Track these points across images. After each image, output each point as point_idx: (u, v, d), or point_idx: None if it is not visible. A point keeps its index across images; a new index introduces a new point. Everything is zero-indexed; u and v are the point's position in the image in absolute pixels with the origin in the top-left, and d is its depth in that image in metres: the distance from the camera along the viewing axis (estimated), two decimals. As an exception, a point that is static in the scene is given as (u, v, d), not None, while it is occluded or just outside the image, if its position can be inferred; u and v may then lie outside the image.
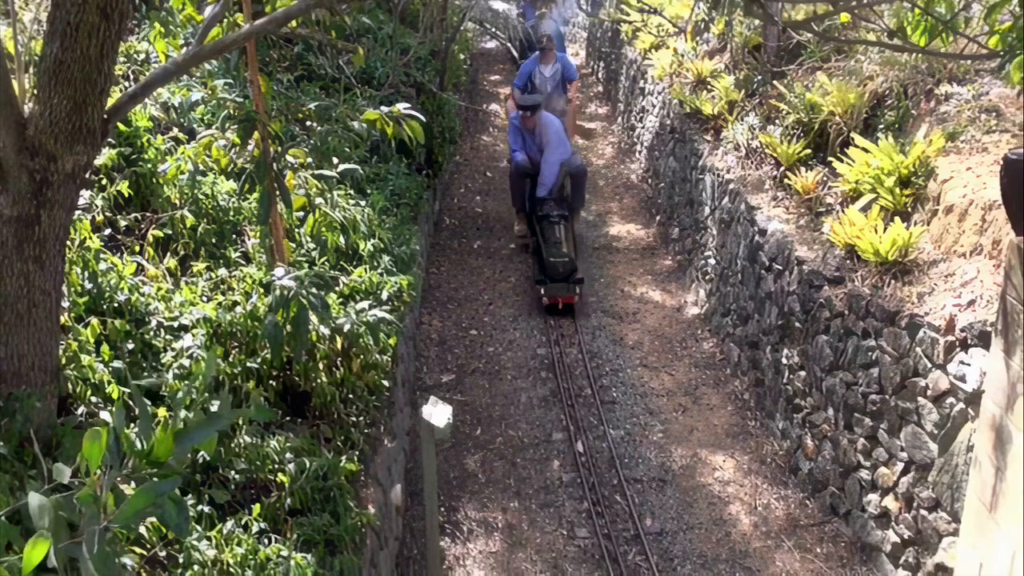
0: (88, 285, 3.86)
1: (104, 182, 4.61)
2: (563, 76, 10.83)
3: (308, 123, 5.86)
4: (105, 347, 3.64)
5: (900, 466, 4.61)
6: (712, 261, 7.62)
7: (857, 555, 4.96)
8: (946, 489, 4.22)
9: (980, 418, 3.84)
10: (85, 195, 4.37)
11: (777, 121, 7.11)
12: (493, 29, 16.65)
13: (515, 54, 16.49)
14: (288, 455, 3.72)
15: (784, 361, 5.88)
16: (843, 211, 5.65)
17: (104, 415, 3.32)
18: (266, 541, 3.29)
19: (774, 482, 5.66)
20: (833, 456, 5.23)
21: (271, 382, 4.15)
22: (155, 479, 2.11)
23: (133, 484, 2.14)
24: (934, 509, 4.33)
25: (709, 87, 8.76)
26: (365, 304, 4.70)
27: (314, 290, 3.99)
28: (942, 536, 4.26)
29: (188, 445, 2.20)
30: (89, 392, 3.41)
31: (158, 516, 2.10)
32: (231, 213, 5.21)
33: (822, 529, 5.20)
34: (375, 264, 5.61)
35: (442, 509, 5.29)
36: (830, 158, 6.13)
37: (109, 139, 4.56)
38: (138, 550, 2.92)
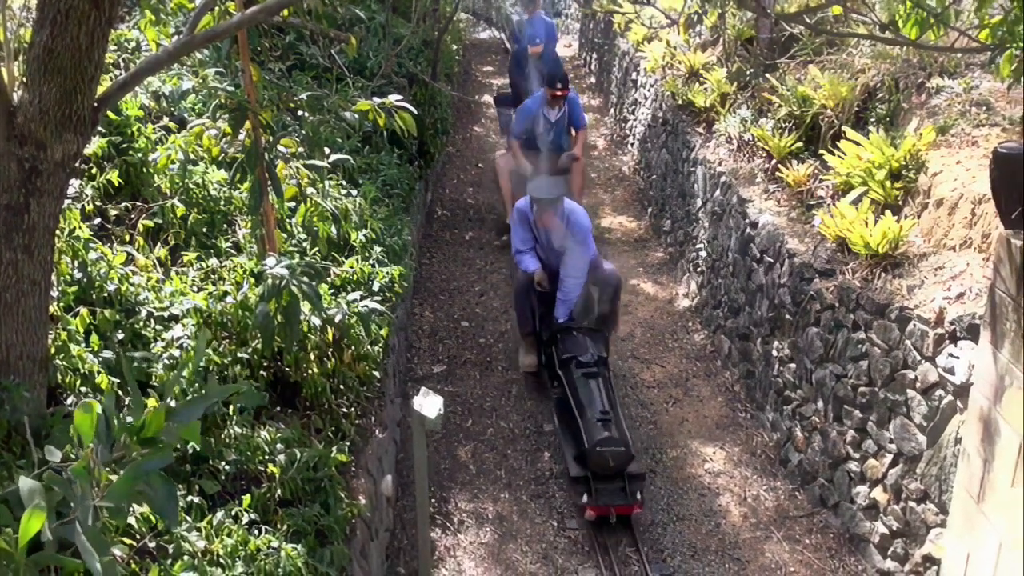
0: (78, 275, 3.85)
1: (94, 171, 4.58)
2: (569, 122, 8.90)
3: (300, 113, 5.85)
4: (95, 337, 3.63)
5: (889, 458, 4.63)
6: (703, 253, 7.63)
7: (846, 546, 4.98)
8: (934, 481, 4.24)
9: (968, 410, 3.86)
10: (75, 184, 4.35)
11: (769, 114, 7.11)
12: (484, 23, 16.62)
13: (507, 45, 16.32)
14: (278, 446, 3.71)
15: (774, 353, 5.90)
16: (834, 204, 5.66)
17: (94, 402, 3.31)
18: (256, 532, 3.29)
19: (764, 473, 5.68)
20: (822, 448, 5.26)
21: (262, 372, 4.14)
22: (146, 456, 2.11)
23: (123, 472, 2.13)
24: (922, 501, 4.36)
25: (701, 79, 8.75)
26: (356, 295, 4.70)
27: (306, 279, 3.98)
28: (930, 527, 4.29)
29: (179, 421, 2.19)
30: (79, 382, 3.40)
31: (146, 499, 2.09)
32: (222, 203, 5.19)
33: (811, 520, 5.23)
34: (367, 255, 5.60)
35: (433, 500, 5.30)
36: (821, 151, 6.13)
37: (99, 128, 4.54)
38: (128, 541, 2.92)
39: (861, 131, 5.81)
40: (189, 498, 3.25)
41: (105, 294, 3.90)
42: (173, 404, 2.30)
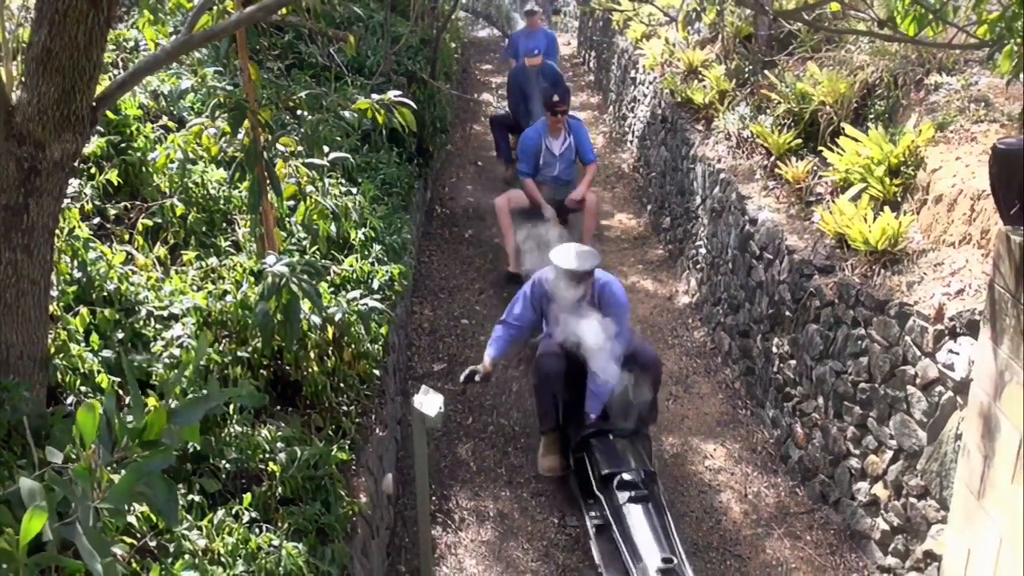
0: (77, 274, 3.85)
1: (93, 171, 4.59)
2: (577, 155, 8.11)
3: (299, 112, 5.84)
4: (95, 336, 3.63)
5: (889, 454, 4.63)
6: (703, 250, 7.63)
7: (846, 542, 4.99)
8: (934, 477, 4.24)
9: (968, 406, 3.86)
10: (74, 184, 4.35)
11: (768, 111, 7.11)
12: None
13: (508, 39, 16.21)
14: (279, 444, 3.72)
15: (774, 350, 5.90)
16: (833, 201, 5.66)
17: (95, 403, 3.32)
18: (257, 530, 3.29)
19: (764, 470, 5.68)
20: (823, 444, 5.26)
21: (262, 371, 4.14)
22: (147, 458, 2.11)
23: (124, 472, 2.13)
24: (923, 497, 4.36)
25: (700, 77, 8.75)
26: (356, 293, 4.70)
27: (305, 278, 3.98)
28: (930, 523, 4.29)
29: (180, 423, 2.20)
30: (79, 381, 3.40)
31: (147, 500, 2.10)
32: (221, 202, 5.19)
33: (812, 517, 5.23)
34: (366, 253, 5.61)
35: (433, 498, 5.30)
36: (820, 148, 6.13)
37: (98, 127, 4.54)
38: (128, 540, 2.92)
39: (860, 128, 5.81)
40: (190, 497, 3.25)
41: (105, 293, 3.90)
42: (174, 404, 2.30)
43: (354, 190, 6.28)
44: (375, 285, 5.23)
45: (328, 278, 5.01)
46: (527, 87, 9.86)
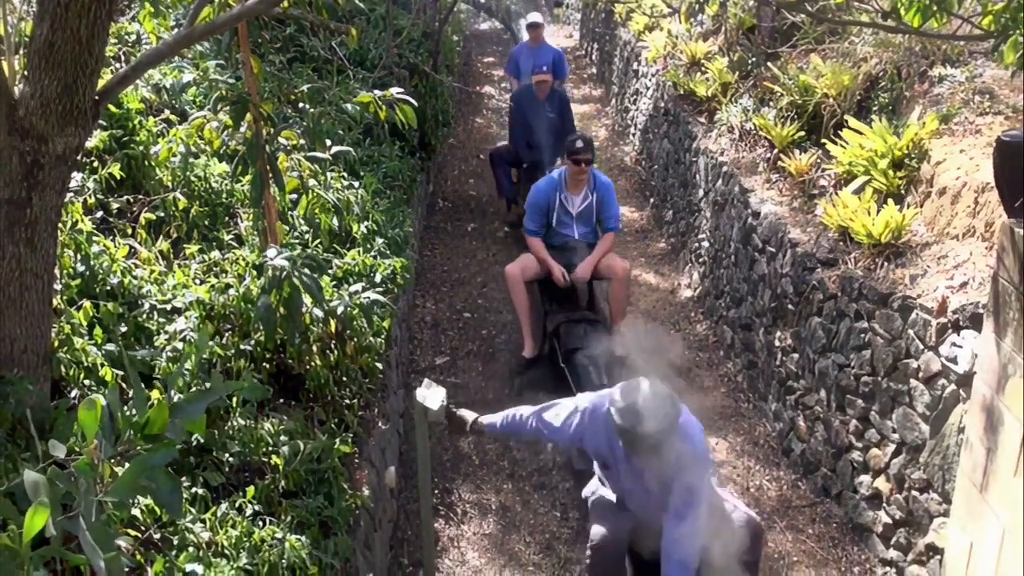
0: (80, 268, 3.85)
1: (95, 164, 4.58)
2: (598, 217, 6.49)
3: (301, 105, 5.83)
4: (98, 330, 3.63)
5: (892, 447, 4.63)
6: (706, 243, 7.62)
7: (848, 535, 4.99)
8: (937, 470, 4.24)
9: (971, 400, 3.86)
10: (76, 177, 4.35)
11: (771, 103, 7.10)
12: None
13: (513, 34, 16.08)
14: (282, 438, 3.72)
15: (777, 343, 5.90)
16: (836, 193, 5.65)
17: (98, 398, 3.32)
18: (260, 523, 3.30)
19: (767, 463, 5.69)
20: (825, 438, 5.26)
21: (265, 364, 4.15)
22: (150, 451, 2.11)
23: (127, 466, 2.14)
24: (925, 490, 4.36)
25: (703, 69, 8.74)
26: (359, 286, 4.70)
27: (307, 271, 3.98)
28: (933, 517, 4.29)
29: (183, 417, 2.20)
30: (82, 375, 3.41)
31: (151, 493, 2.10)
32: (224, 195, 5.19)
33: (814, 510, 5.23)
34: (369, 246, 5.61)
35: (436, 491, 5.31)
36: (824, 140, 6.12)
37: (100, 121, 4.54)
38: (132, 532, 2.93)
39: (863, 120, 5.80)
40: (193, 490, 3.26)
41: (108, 287, 3.90)
42: (177, 398, 2.30)
43: (356, 183, 6.28)
44: (377, 278, 5.23)
45: (330, 271, 5.01)
46: (532, 113, 8.60)
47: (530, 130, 8.60)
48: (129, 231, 4.49)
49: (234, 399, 3.75)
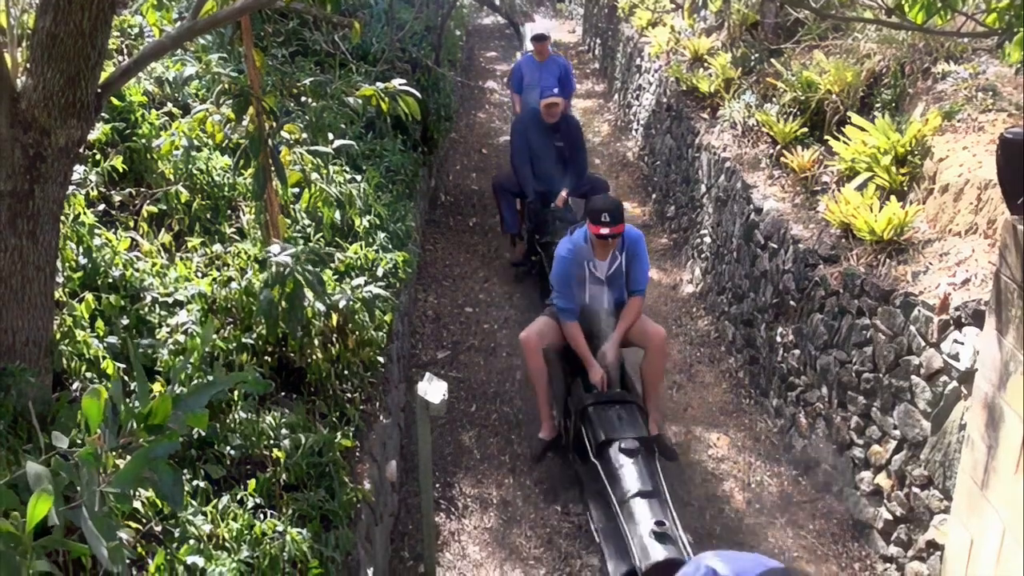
0: (82, 260, 3.85)
1: (98, 157, 4.58)
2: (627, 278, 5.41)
3: (303, 99, 5.83)
4: (100, 323, 3.63)
5: (893, 444, 4.64)
6: (708, 239, 7.62)
7: (849, 532, 4.99)
8: (938, 467, 4.24)
9: (973, 397, 3.86)
10: (79, 170, 4.35)
11: (774, 99, 7.09)
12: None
13: (516, 29, 15.94)
14: (283, 431, 3.72)
15: (778, 339, 5.90)
16: (839, 190, 5.64)
17: (101, 388, 3.33)
18: (261, 516, 3.30)
19: (768, 459, 5.69)
20: (826, 434, 5.26)
21: (266, 358, 4.15)
22: (152, 443, 2.12)
23: (129, 458, 2.14)
24: (926, 487, 4.36)
25: (706, 65, 8.73)
26: (361, 280, 4.70)
27: (310, 267, 3.98)
28: (934, 513, 4.30)
29: (185, 410, 2.20)
30: (84, 367, 3.41)
31: (152, 485, 2.10)
32: (226, 189, 5.19)
33: (815, 506, 5.24)
34: (371, 240, 5.61)
35: (437, 485, 5.32)
36: (826, 137, 6.11)
37: (103, 114, 4.53)
38: (133, 525, 2.93)
39: (866, 116, 5.79)
40: (195, 482, 3.26)
41: (110, 280, 3.91)
42: (179, 390, 2.30)
43: (358, 177, 6.28)
44: (379, 272, 5.23)
45: (332, 265, 5.01)
46: (538, 142, 7.65)
47: (536, 160, 7.66)
48: (131, 224, 4.50)
49: (236, 392, 3.75)
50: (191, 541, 2.99)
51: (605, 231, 5.04)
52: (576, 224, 5.40)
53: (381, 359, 4.79)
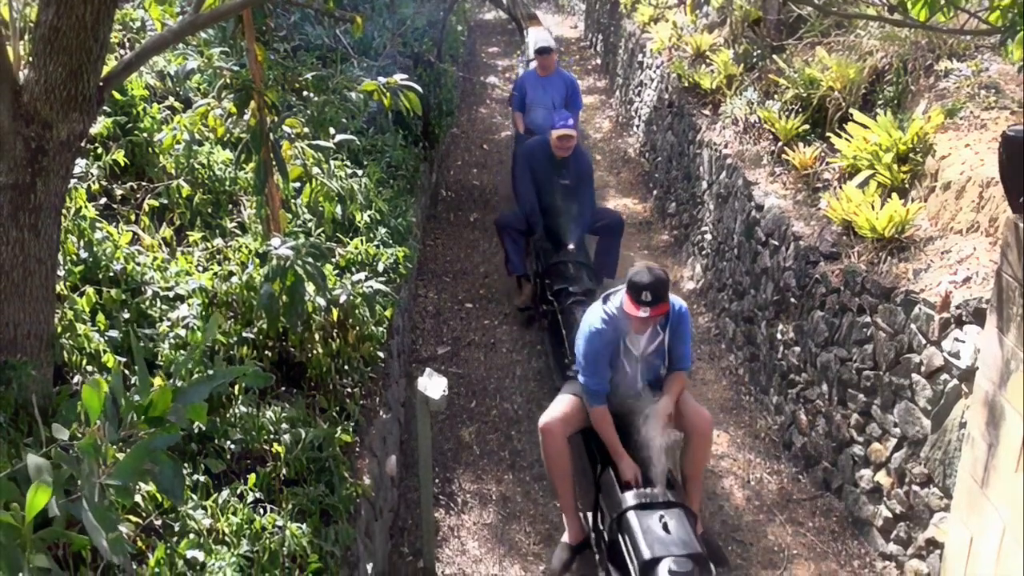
0: (83, 254, 3.86)
1: (99, 151, 4.58)
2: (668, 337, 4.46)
3: (305, 93, 5.83)
4: (101, 316, 3.64)
5: (893, 442, 4.64)
6: (708, 236, 7.61)
7: (849, 529, 5.00)
8: (938, 465, 4.24)
9: (973, 395, 3.86)
10: (80, 164, 4.35)
11: (776, 96, 7.08)
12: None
13: (519, 23, 15.86)
14: (283, 425, 3.73)
15: (779, 336, 5.90)
16: (840, 187, 5.64)
17: (101, 379, 3.33)
18: (261, 511, 3.30)
19: (767, 457, 5.69)
20: (826, 431, 5.26)
21: (267, 352, 4.15)
22: (152, 435, 2.12)
23: (130, 450, 2.14)
24: (926, 485, 4.36)
25: (708, 61, 8.71)
26: (361, 275, 4.70)
27: (310, 260, 3.98)
28: (933, 511, 4.30)
29: (185, 402, 2.20)
30: (85, 361, 3.42)
31: (152, 478, 2.10)
32: (227, 183, 5.19)
33: (814, 503, 5.24)
34: (371, 235, 5.61)
35: (436, 481, 5.32)
36: (828, 134, 6.11)
37: (104, 107, 4.53)
38: (134, 519, 2.93)
39: (868, 114, 5.78)
40: (195, 477, 3.26)
41: (111, 273, 3.91)
42: (180, 384, 2.30)
43: (360, 172, 6.27)
44: (380, 268, 5.23)
45: (333, 260, 5.01)
46: (543, 177, 6.91)
47: (540, 195, 6.98)
48: (132, 218, 4.50)
49: (236, 386, 3.76)
50: (191, 535, 2.99)
51: (645, 313, 4.15)
52: (611, 290, 4.51)
53: (381, 354, 4.79)
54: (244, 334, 4.03)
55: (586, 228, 6.74)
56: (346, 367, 4.46)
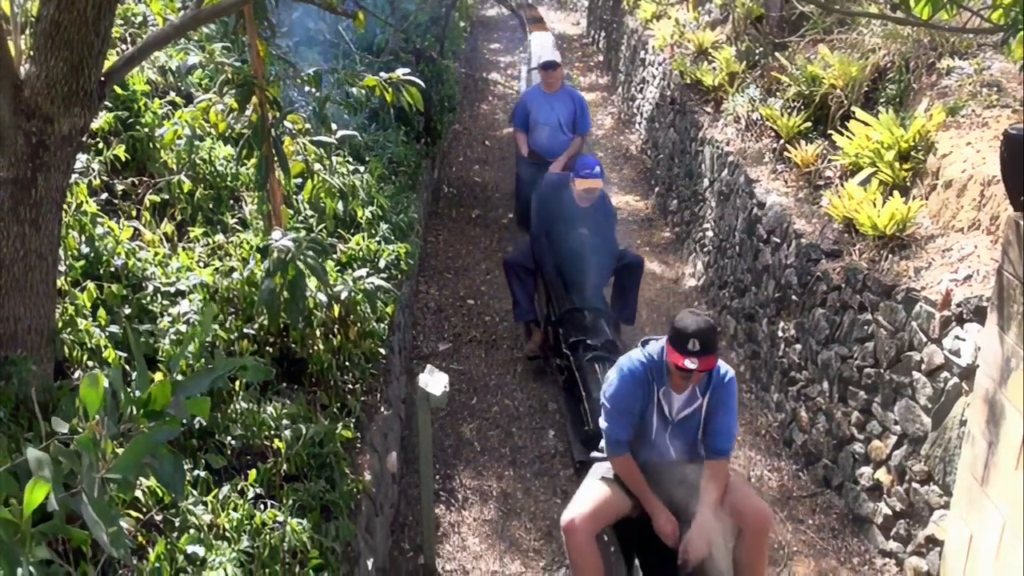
0: (85, 249, 3.86)
1: (101, 146, 4.58)
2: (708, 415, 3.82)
3: (307, 89, 5.82)
4: (101, 311, 3.64)
5: (893, 439, 4.64)
6: (710, 233, 7.61)
7: (849, 527, 5.00)
8: (938, 463, 4.24)
9: (974, 393, 3.86)
10: (82, 159, 4.36)
11: (778, 93, 7.07)
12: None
13: (522, 19, 15.82)
14: (284, 421, 3.73)
15: (780, 334, 5.90)
16: (842, 185, 5.63)
17: (100, 374, 3.34)
18: (262, 506, 3.31)
19: (768, 454, 5.69)
20: (827, 429, 5.26)
21: (268, 348, 4.16)
22: (153, 429, 2.12)
23: (130, 444, 2.14)
24: (926, 482, 4.36)
25: (710, 58, 8.70)
26: (363, 271, 4.71)
27: (311, 254, 3.98)
28: (933, 509, 4.30)
29: (186, 395, 2.20)
30: (85, 356, 3.42)
31: (153, 472, 2.11)
32: (228, 178, 5.19)
33: (814, 501, 5.24)
34: (373, 232, 5.61)
35: (437, 477, 5.32)
36: (830, 131, 6.10)
37: (106, 102, 4.53)
38: (134, 514, 2.94)
39: (870, 111, 5.78)
40: (196, 472, 3.27)
41: (112, 269, 3.91)
42: (180, 378, 2.30)
43: (361, 168, 6.27)
44: (381, 264, 5.23)
45: (335, 256, 5.01)
46: (561, 223, 6.17)
47: (555, 242, 6.21)
48: (133, 213, 4.50)
49: (237, 382, 3.76)
50: (191, 530, 3.00)
51: (692, 365, 3.49)
52: (650, 337, 3.93)
53: (382, 350, 4.79)
54: (245, 330, 4.04)
55: (606, 280, 6.16)
56: (347, 363, 4.46)
